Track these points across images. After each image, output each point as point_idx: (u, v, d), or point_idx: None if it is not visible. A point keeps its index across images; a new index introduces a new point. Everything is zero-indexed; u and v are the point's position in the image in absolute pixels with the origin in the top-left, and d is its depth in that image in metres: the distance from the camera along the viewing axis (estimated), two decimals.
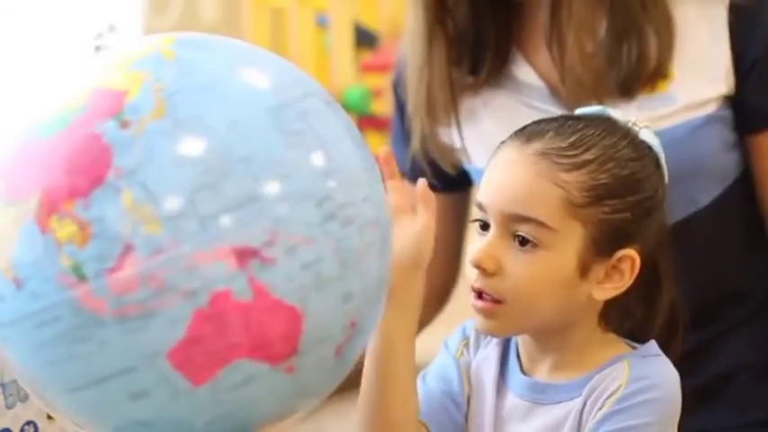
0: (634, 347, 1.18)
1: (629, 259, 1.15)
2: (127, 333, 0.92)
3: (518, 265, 1.13)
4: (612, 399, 1.10)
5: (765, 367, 1.43)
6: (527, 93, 1.41)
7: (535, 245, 1.12)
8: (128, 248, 0.91)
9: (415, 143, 1.47)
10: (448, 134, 1.45)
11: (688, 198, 1.36)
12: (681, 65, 1.36)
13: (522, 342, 1.20)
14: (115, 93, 0.95)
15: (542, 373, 1.18)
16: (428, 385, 1.22)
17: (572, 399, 1.14)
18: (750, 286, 1.44)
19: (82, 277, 0.91)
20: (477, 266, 1.14)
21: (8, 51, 2.71)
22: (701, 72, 1.36)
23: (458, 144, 1.43)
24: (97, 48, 2.52)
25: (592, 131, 1.15)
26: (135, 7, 3.47)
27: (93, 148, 0.93)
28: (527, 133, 1.16)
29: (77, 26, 2.82)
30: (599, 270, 1.14)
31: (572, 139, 1.14)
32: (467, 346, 1.23)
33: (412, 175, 1.49)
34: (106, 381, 0.94)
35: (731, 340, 1.42)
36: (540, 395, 1.17)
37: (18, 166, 0.96)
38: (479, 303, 1.14)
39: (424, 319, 1.59)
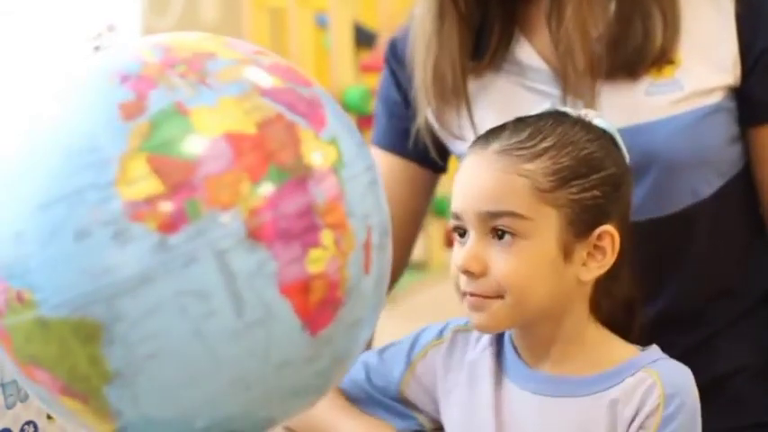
0: (639, 348, 1.19)
1: (609, 235, 1.16)
2: None
3: (502, 261, 1.14)
4: (653, 421, 1.13)
5: (762, 368, 1.42)
6: (529, 75, 1.41)
7: (514, 236, 1.14)
8: None
9: (420, 119, 1.47)
10: (455, 115, 1.44)
11: (690, 189, 1.36)
12: (688, 52, 1.36)
13: (517, 336, 1.21)
14: None
15: (548, 366, 1.19)
16: (368, 361, 1.28)
17: (590, 395, 1.16)
18: (747, 285, 1.44)
19: None
20: (465, 271, 1.15)
21: (8, 51, 2.71)
22: (707, 60, 1.36)
23: (466, 123, 1.43)
24: (96, 48, 2.51)
25: (544, 123, 1.19)
26: (135, 7, 3.47)
27: None
28: (485, 137, 1.19)
29: (77, 26, 2.82)
30: (581, 251, 1.16)
31: (528, 132, 1.17)
32: (437, 346, 1.25)
33: (414, 151, 1.48)
34: None
35: (728, 341, 1.42)
36: (553, 388, 1.18)
37: None
38: (471, 299, 1.16)
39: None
